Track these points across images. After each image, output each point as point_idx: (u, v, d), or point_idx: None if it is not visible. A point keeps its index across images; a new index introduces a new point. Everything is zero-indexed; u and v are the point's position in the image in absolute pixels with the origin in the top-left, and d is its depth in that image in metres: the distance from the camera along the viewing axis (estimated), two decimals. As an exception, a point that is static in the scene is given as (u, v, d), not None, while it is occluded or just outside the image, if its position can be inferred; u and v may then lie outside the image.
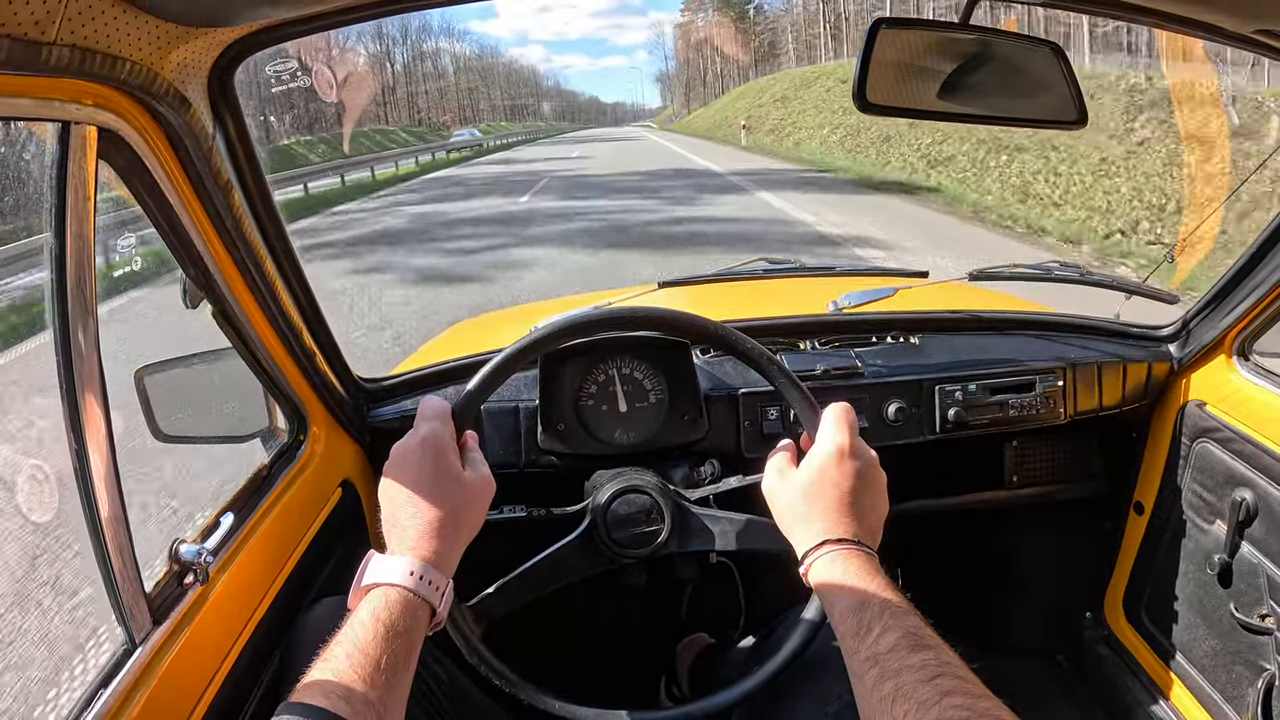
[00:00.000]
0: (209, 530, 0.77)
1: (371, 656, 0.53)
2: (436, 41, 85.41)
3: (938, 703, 0.48)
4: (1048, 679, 1.32)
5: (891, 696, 0.50)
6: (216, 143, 0.68)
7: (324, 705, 0.49)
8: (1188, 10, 0.81)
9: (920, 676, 0.50)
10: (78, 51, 0.52)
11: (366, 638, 0.55)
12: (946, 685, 0.49)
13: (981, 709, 0.47)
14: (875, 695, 0.51)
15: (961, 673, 0.50)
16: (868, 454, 0.67)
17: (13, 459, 1.59)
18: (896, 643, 0.53)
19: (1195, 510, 1.11)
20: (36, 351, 2.45)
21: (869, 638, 0.54)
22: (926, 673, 0.50)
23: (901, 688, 0.50)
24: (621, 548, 0.80)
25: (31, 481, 1.09)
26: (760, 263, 1.27)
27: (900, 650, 0.52)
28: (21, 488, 1.17)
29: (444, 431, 0.65)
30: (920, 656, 0.52)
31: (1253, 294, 1.01)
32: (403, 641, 0.56)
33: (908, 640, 0.53)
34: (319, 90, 1.61)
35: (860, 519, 0.64)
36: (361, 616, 0.56)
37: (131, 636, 0.66)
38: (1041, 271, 1.17)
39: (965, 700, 0.48)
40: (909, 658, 0.52)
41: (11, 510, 1.20)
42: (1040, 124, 0.85)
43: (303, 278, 0.84)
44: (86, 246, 0.60)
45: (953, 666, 0.51)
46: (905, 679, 0.50)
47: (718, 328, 0.74)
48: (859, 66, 0.73)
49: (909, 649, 0.52)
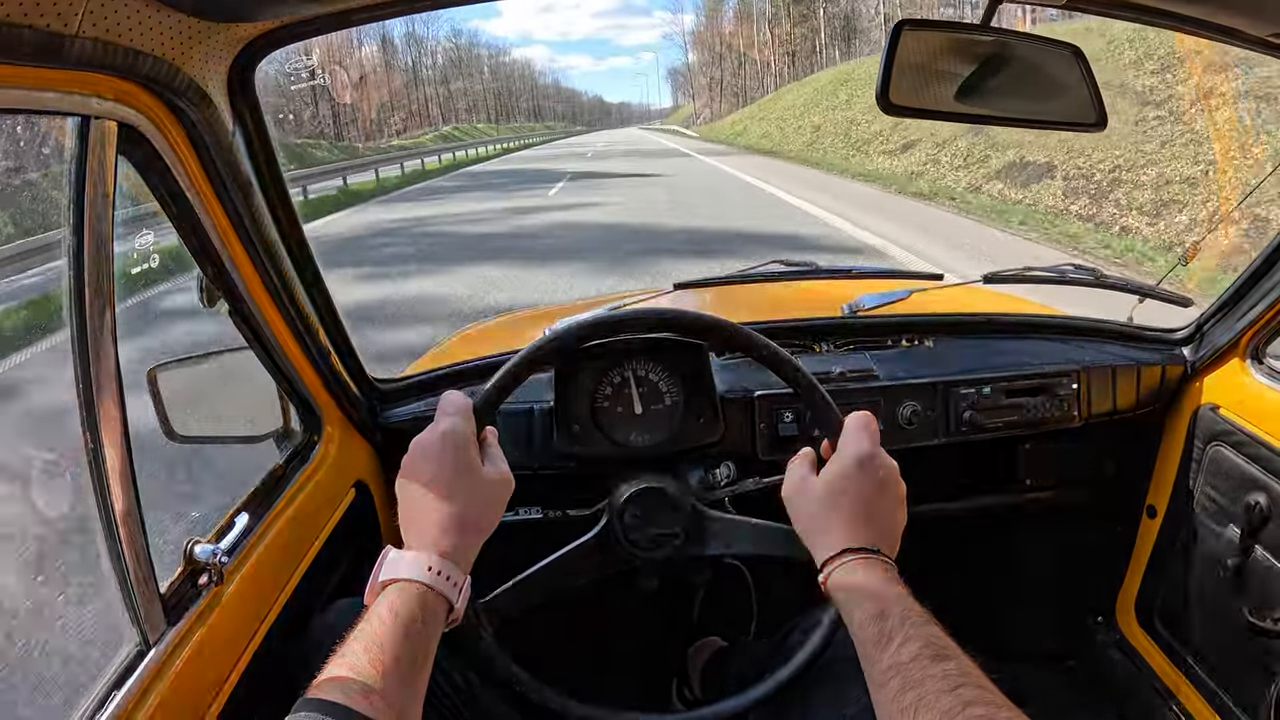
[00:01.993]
0: (223, 530, 0.76)
1: (389, 652, 0.53)
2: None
3: (960, 713, 0.48)
4: (1059, 683, 1.32)
5: (914, 706, 0.50)
6: (236, 140, 0.68)
7: (342, 701, 0.49)
8: (1205, 13, 0.81)
9: (942, 686, 0.50)
10: (100, 45, 0.51)
11: (384, 633, 0.54)
12: (968, 695, 0.49)
13: (1003, 719, 0.47)
14: (896, 705, 0.51)
15: (982, 683, 0.50)
16: (889, 464, 0.67)
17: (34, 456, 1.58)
18: (918, 652, 0.53)
19: (1209, 514, 1.10)
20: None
21: (890, 647, 0.54)
22: (949, 683, 0.50)
23: (924, 697, 0.50)
24: (638, 549, 0.80)
25: (47, 479, 1.08)
26: (775, 265, 1.27)
27: (922, 660, 0.52)
28: (37, 484, 1.17)
29: (465, 427, 0.65)
30: (942, 666, 0.51)
31: (1267, 297, 1.00)
32: (420, 637, 0.55)
33: (929, 650, 0.53)
34: (335, 92, 1.61)
35: (880, 529, 0.64)
36: (379, 612, 0.56)
37: (145, 637, 0.66)
38: (1056, 274, 1.17)
39: (987, 710, 0.48)
40: (931, 667, 0.52)
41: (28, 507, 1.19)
42: (1060, 126, 0.85)
43: (319, 276, 0.84)
44: (105, 243, 0.60)
45: (974, 677, 0.51)
46: (928, 689, 0.50)
47: (738, 330, 0.74)
48: (882, 67, 0.73)
49: (930, 659, 0.52)
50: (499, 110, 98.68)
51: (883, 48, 0.74)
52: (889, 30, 0.73)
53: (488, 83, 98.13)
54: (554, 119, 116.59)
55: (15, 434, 2.45)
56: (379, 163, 18.68)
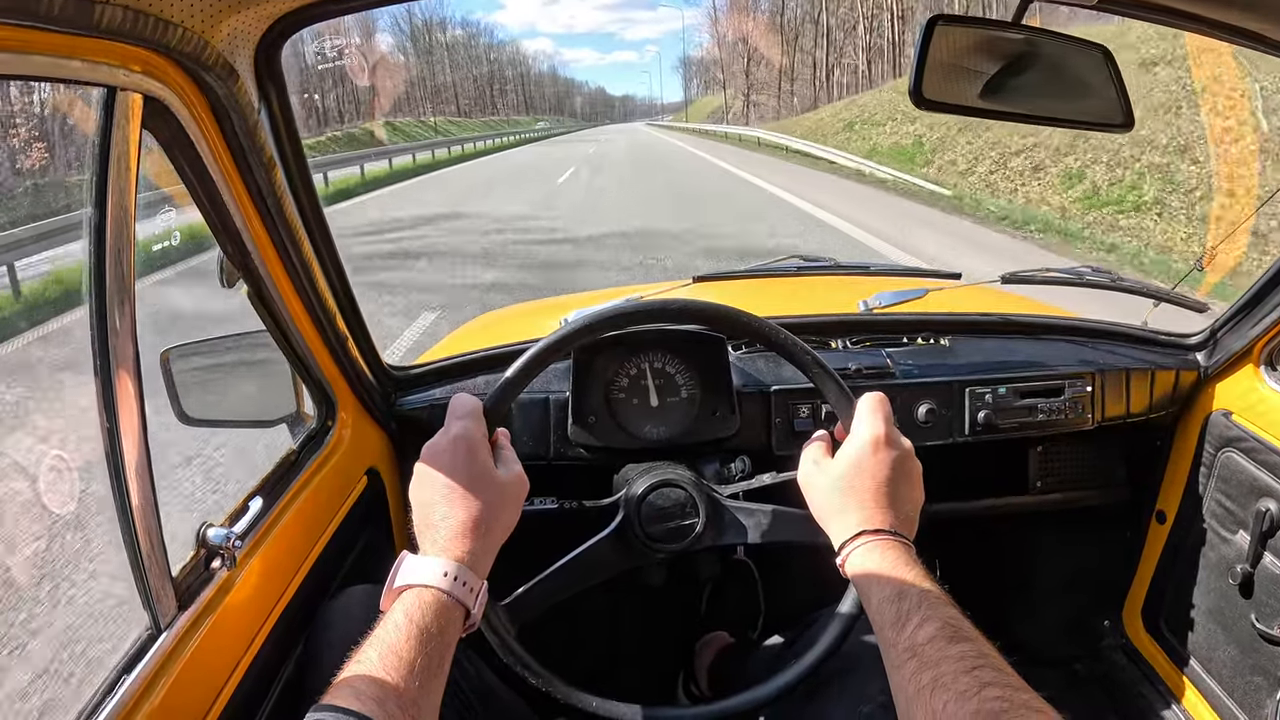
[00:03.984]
0: (237, 514, 0.75)
1: (405, 658, 0.52)
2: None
3: (977, 693, 0.47)
4: (1064, 686, 1.32)
5: (930, 687, 0.49)
6: (261, 118, 0.67)
7: (356, 708, 0.48)
8: (1235, 18, 0.81)
9: (960, 667, 0.50)
10: (130, 13, 0.50)
11: (400, 639, 0.53)
12: (986, 676, 0.49)
13: (1020, 701, 0.47)
14: (913, 685, 0.51)
15: (999, 665, 0.50)
16: (903, 443, 0.66)
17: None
18: (935, 633, 0.53)
19: (1218, 520, 1.10)
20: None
21: (907, 628, 0.54)
22: (965, 664, 0.50)
23: (940, 678, 0.49)
24: (655, 542, 0.79)
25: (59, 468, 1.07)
26: (794, 260, 1.26)
27: (939, 641, 0.52)
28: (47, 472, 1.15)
29: (475, 430, 0.64)
30: (959, 648, 0.51)
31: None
32: (436, 643, 0.55)
33: (946, 631, 0.53)
34: (353, 74, 1.56)
35: (897, 509, 0.64)
36: (395, 618, 0.55)
37: (157, 621, 0.65)
38: (1073, 276, 1.17)
39: (1004, 692, 0.47)
40: (948, 648, 0.51)
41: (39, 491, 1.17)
42: (1087, 126, 0.84)
43: (338, 260, 0.83)
44: (127, 218, 0.59)
45: (991, 658, 0.51)
46: (944, 669, 0.50)
47: (750, 319, 0.73)
48: (915, 63, 0.73)
49: (948, 640, 0.52)
50: (475, 101, 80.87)
51: (915, 43, 0.74)
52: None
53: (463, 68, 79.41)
54: (543, 111, 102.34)
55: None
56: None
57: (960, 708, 0.47)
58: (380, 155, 19.25)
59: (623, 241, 7.42)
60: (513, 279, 5.92)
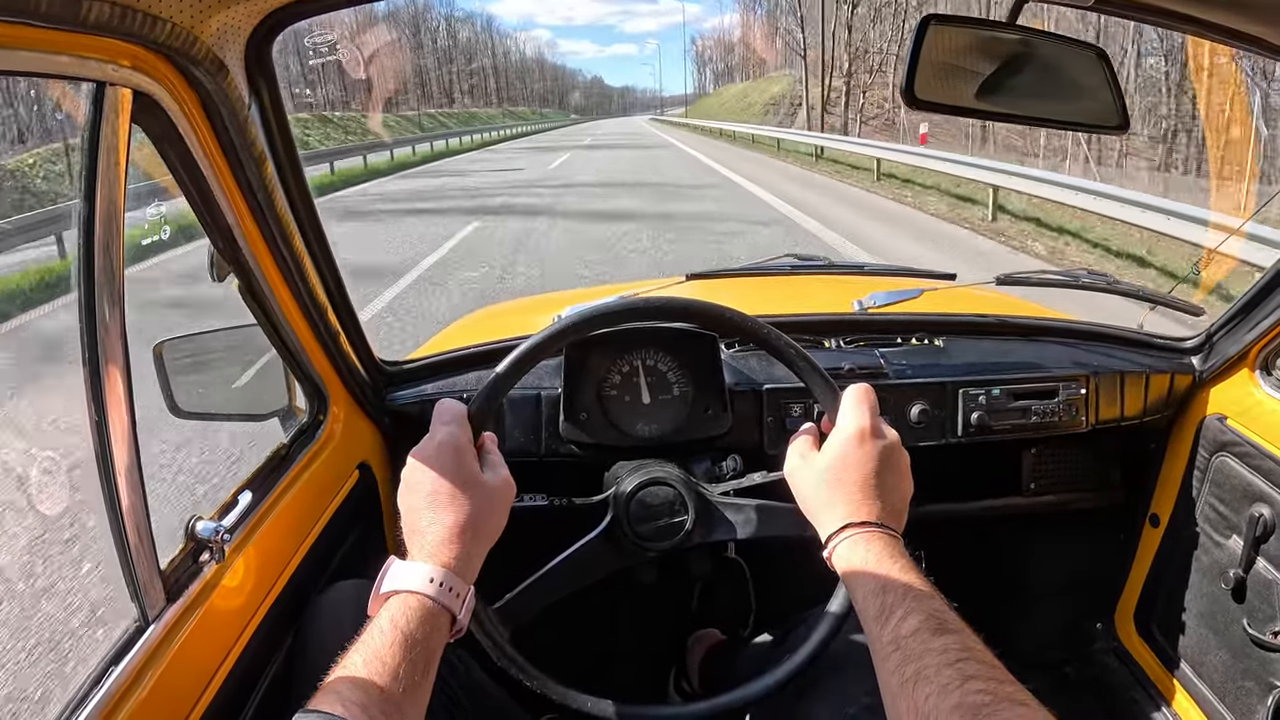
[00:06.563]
0: (226, 508, 0.75)
1: (389, 664, 0.52)
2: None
3: (960, 686, 0.47)
4: (1054, 689, 1.32)
5: (914, 680, 0.49)
6: (251, 113, 0.67)
7: (340, 713, 0.48)
8: (1232, 21, 0.80)
9: (943, 660, 0.49)
10: (118, 8, 0.50)
11: (384, 645, 0.53)
12: (969, 669, 0.48)
13: (1004, 694, 0.47)
14: (897, 678, 0.51)
15: (984, 657, 0.50)
16: (890, 434, 0.66)
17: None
18: (919, 626, 0.52)
19: (1211, 524, 1.10)
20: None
21: (891, 621, 0.54)
22: (949, 656, 0.50)
23: (923, 671, 0.49)
24: (645, 540, 0.79)
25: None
26: (788, 259, 1.26)
27: (923, 634, 0.52)
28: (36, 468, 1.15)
29: (461, 434, 0.64)
30: (942, 640, 0.51)
31: (1279, 309, 1.00)
32: (422, 650, 0.55)
33: (930, 624, 0.53)
34: (348, 68, 1.57)
35: (884, 500, 0.63)
36: (381, 624, 0.55)
37: (144, 613, 0.65)
38: (1069, 278, 1.17)
39: (988, 685, 0.47)
40: (931, 641, 0.51)
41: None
42: (1082, 127, 0.84)
43: (329, 254, 0.83)
44: (117, 212, 0.59)
45: (975, 651, 0.50)
46: (927, 662, 0.50)
47: (734, 315, 0.73)
48: (909, 62, 0.72)
49: (931, 632, 0.52)
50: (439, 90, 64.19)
51: (908, 43, 0.73)
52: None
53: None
54: (527, 103, 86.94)
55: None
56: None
57: (942, 701, 0.47)
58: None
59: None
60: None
